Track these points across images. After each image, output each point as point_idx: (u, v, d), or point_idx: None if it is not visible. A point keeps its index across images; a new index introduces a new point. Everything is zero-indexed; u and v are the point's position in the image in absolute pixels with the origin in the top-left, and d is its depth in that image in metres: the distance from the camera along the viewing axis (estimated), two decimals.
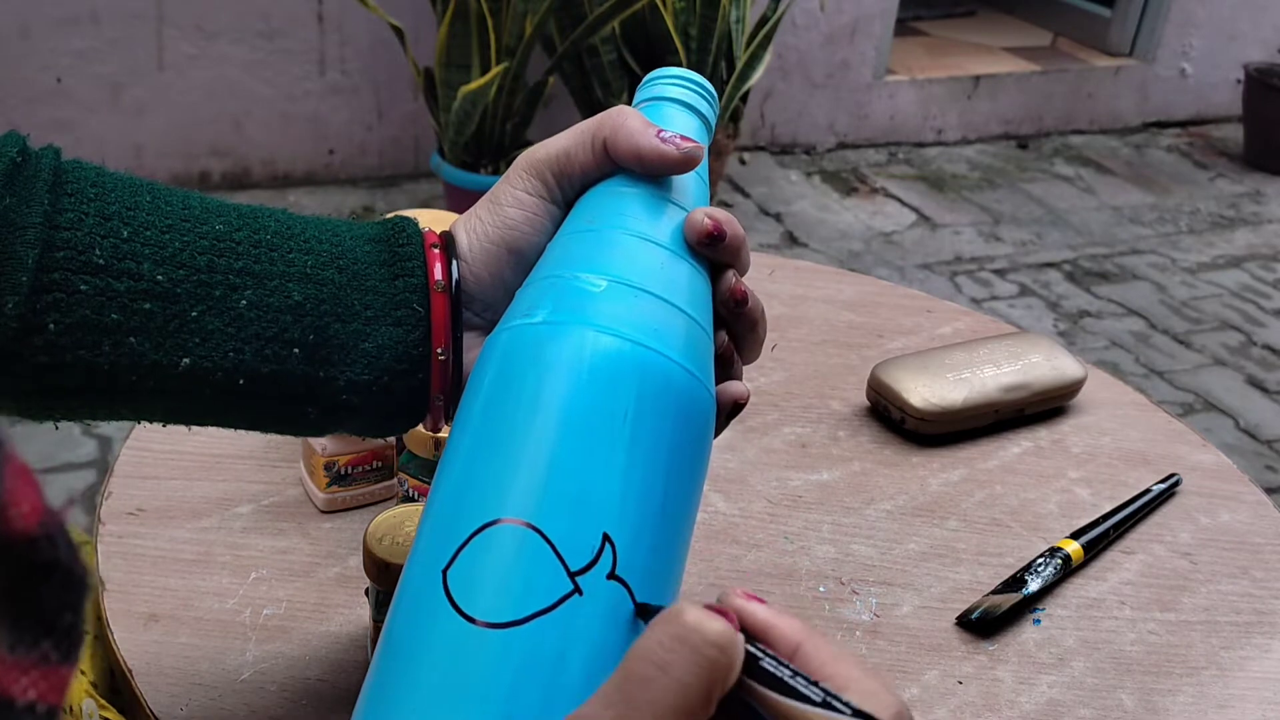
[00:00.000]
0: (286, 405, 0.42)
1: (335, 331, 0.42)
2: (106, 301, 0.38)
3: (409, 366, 0.43)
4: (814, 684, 0.29)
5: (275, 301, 0.41)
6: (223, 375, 0.40)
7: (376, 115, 2.58)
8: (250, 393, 0.41)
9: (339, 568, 0.61)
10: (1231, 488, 0.75)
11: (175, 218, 0.40)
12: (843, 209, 2.77)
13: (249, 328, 0.40)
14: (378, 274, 0.43)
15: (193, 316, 0.40)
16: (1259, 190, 3.12)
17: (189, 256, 0.40)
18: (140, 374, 0.39)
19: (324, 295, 0.42)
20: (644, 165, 0.43)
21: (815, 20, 2.90)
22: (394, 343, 0.42)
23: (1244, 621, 0.64)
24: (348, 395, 0.42)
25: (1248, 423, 2.06)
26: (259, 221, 0.42)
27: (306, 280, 0.41)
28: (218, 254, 0.40)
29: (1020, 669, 0.59)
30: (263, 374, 0.41)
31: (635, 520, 0.35)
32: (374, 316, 0.42)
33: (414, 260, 0.43)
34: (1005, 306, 2.38)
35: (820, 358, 0.85)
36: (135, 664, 0.54)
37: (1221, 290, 2.54)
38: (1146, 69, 3.41)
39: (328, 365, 0.42)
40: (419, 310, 0.43)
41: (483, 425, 0.37)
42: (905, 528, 0.68)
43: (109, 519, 0.63)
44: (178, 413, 0.42)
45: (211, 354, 0.40)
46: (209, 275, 0.40)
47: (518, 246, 0.44)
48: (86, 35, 2.30)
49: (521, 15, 2.13)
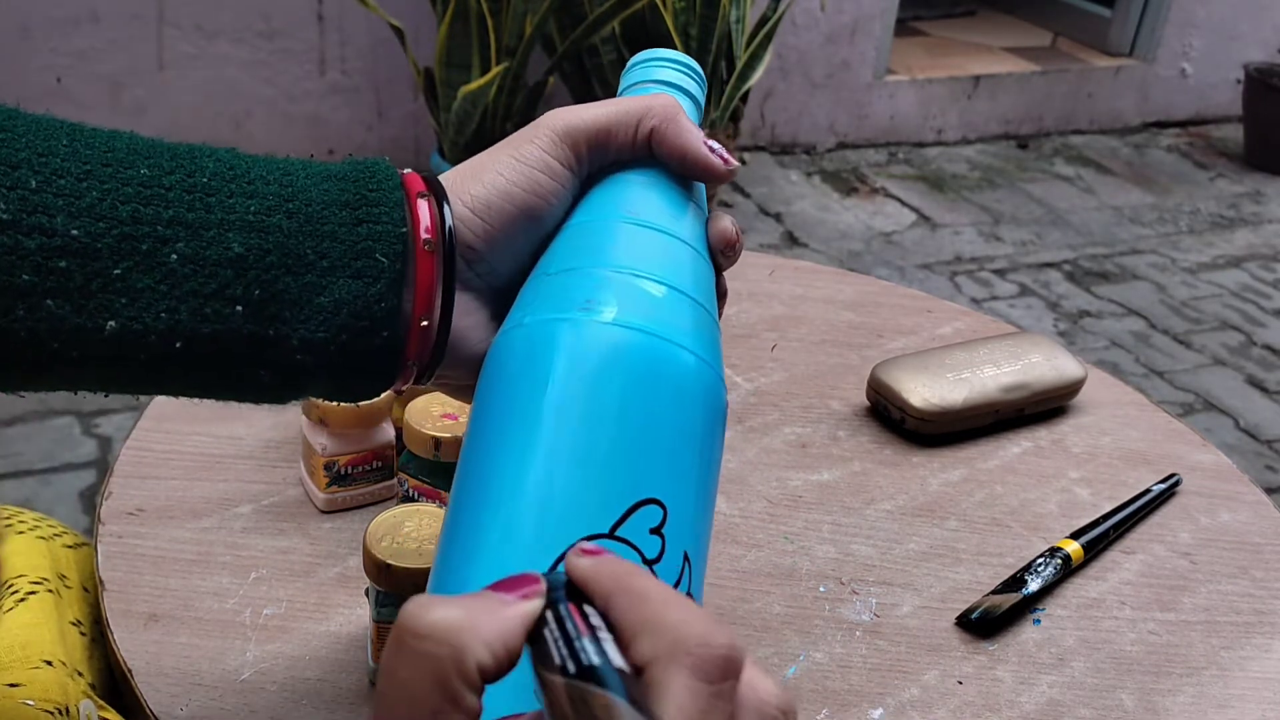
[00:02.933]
0: (234, 369, 0.38)
1: (285, 285, 0.37)
2: (16, 261, 0.34)
3: (370, 323, 0.39)
4: (597, 645, 0.26)
5: (213, 254, 0.36)
6: (156, 338, 0.36)
7: (376, 115, 2.58)
8: (190, 356, 0.37)
9: (339, 568, 0.61)
10: (1231, 488, 0.75)
11: (95, 163, 0.36)
12: (843, 209, 2.77)
13: (183, 284, 0.36)
14: (336, 216, 0.38)
15: (116, 274, 0.35)
16: (1259, 190, 3.12)
17: (109, 207, 0.35)
18: (62, 340, 0.35)
19: (270, 244, 0.37)
20: (685, 168, 0.42)
21: (815, 20, 2.90)
22: (353, 297, 0.38)
23: (1244, 621, 0.64)
24: (302, 355, 0.38)
25: (1248, 423, 2.06)
26: (195, 163, 0.38)
27: (249, 229, 0.37)
28: (143, 202, 0.36)
29: (1020, 669, 0.59)
30: (202, 334, 0.37)
31: (703, 537, 0.38)
32: (330, 267, 0.38)
33: (382, 205, 0.39)
34: (1005, 306, 2.38)
35: (820, 358, 0.85)
36: (135, 664, 0.54)
37: (1221, 290, 2.54)
38: (1146, 69, 3.41)
39: (277, 323, 0.37)
40: (382, 261, 0.38)
41: (549, 430, 0.36)
42: (905, 528, 0.68)
43: (109, 519, 0.63)
44: (113, 381, 0.38)
45: (141, 315, 0.36)
46: (134, 227, 0.36)
47: (538, 214, 0.41)
48: (86, 35, 2.30)
49: (521, 15, 2.13)
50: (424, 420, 0.59)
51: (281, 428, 0.71)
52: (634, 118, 0.42)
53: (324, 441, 0.63)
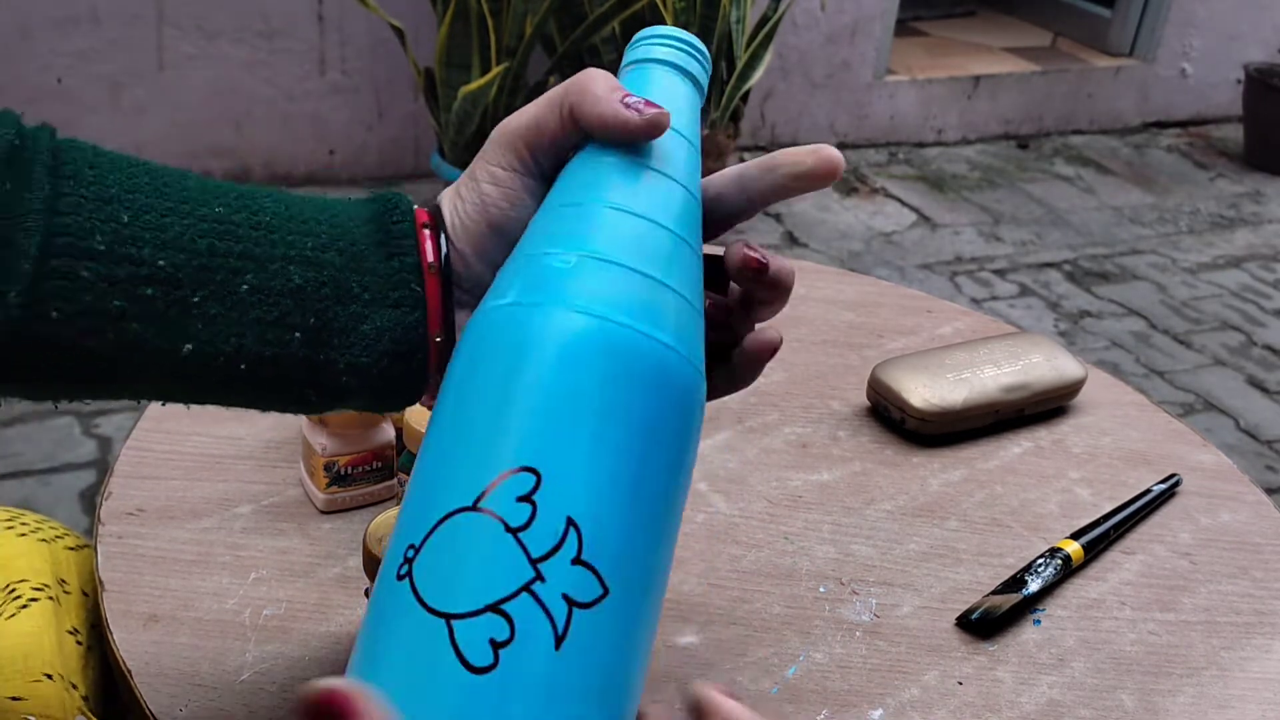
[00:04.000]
0: (287, 388, 0.42)
1: (335, 314, 0.41)
2: (109, 288, 0.38)
3: (408, 348, 0.42)
4: None
5: (276, 285, 0.40)
6: (224, 360, 0.40)
7: (376, 115, 2.58)
8: (252, 376, 0.41)
9: (339, 568, 0.61)
10: (1231, 488, 0.75)
11: (174, 199, 0.40)
12: (843, 209, 2.77)
13: (250, 312, 0.40)
14: (374, 254, 0.42)
15: (195, 302, 0.39)
16: (1259, 190, 3.12)
17: (190, 240, 0.39)
18: (143, 359, 0.39)
19: (324, 278, 0.41)
20: (608, 133, 0.41)
21: (815, 20, 2.90)
22: (392, 325, 0.42)
23: (1244, 621, 0.64)
24: (347, 378, 0.42)
25: (1248, 423, 2.06)
26: (257, 203, 0.41)
27: (307, 263, 0.41)
28: (218, 237, 0.40)
29: (1020, 669, 0.59)
30: (264, 357, 0.40)
31: (606, 504, 0.34)
32: (372, 299, 0.42)
33: (408, 239, 0.42)
34: (1005, 306, 2.38)
35: (820, 358, 0.85)
36: (135, 665, 0.54)
37: (1221, 290, 2.54)
38: (1146, 69, 3.41)
39: (328, 349, 0.41)
40: (417, 290, 0.42)
41: (451, 413, 0.37)
42: (905, 528, 0.68)
43: (109, 519, 0.63)
44: (178, 394, 0.42)
45: (214, 339, 0.39)
46: (210, 259, 0.39)
47: (498, 223, 0.43)
48: (86, 35, 2.30)
49: (521, 15, 2.13)
50: (424, 420, 0.59)
51: (281, 428, 0.71)
52: (556, 103, 0.42)
53: (324, 441, 0.63)
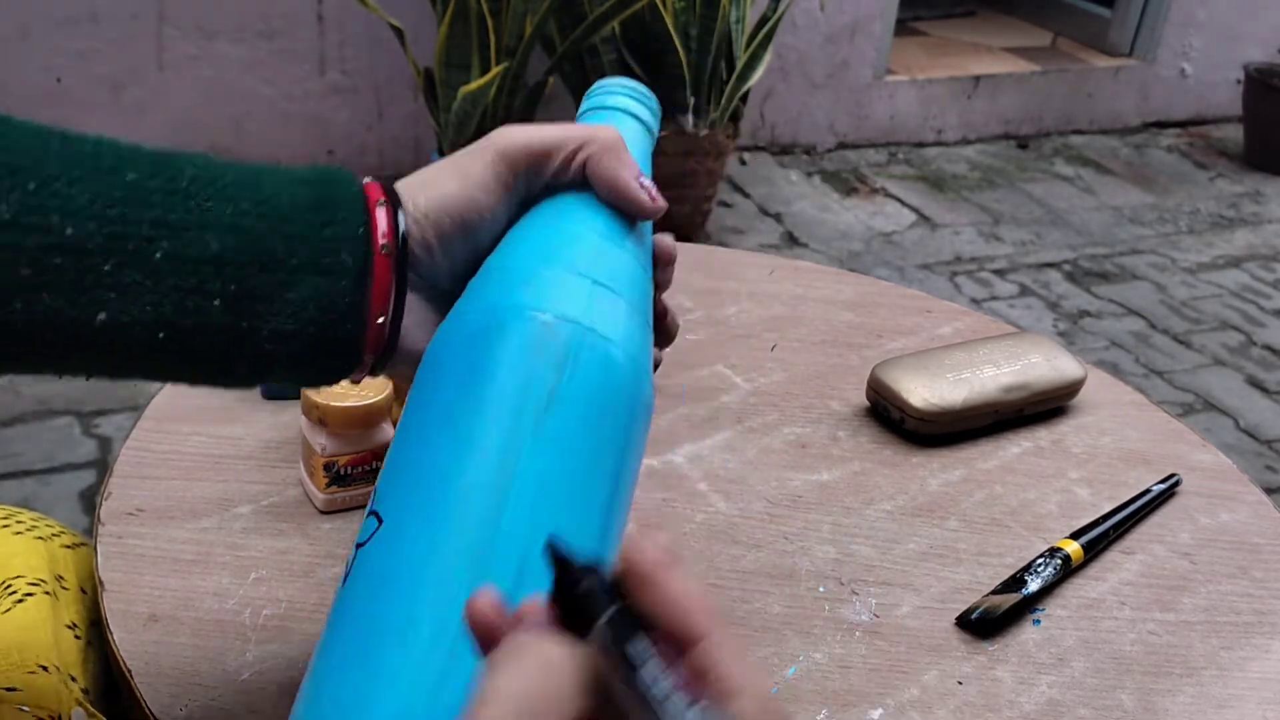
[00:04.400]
0: (210, 357, 0.41)
1: (258, 281, 0.40)
2: (15, 257, 0.37)
3: (336, 317, 0.42)
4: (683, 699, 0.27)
5: (193, 252, 0.40)
6: (141, 329, 0.39)
7: (376, 115, 2.58)
8: (172, 345, 0.40)
9: (339, 568, 0.61)
10: (1231, 488, 0.75)
11: (85, 168, 0.39)
12: (843, 209, 2.77)
13: (166, 280, 0.39)
14: (304, 219, 0.42)
15: (106, 270, 0.38)
16: (1259, 190, 3.12)
17: (100, 208, 0.38)
18: (56, 330, 0.39)
19: (244, 244, 0.40)
20: (613, 199, 0.44)
21: (815, 20, 2.90)
22: (320, 293, 0.41)
23: (1244, 621, 0.64)
24: (272, 345, 0.41)
25: (1248, 423, 2.06)
26: (175, 169, 0.41)
27: (226, 229, 0.40)
28: (130, 205, 0.39)
29: (1020, 669, 0.59)
30: (183, 326, 0.40)
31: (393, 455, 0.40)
32: (299, 265, 0.41)
33: (346, 209, 0.42)
34: (1005, 306, 2.38)
35: (820, 358, 0.85)
36: (135, 664, 0.54)
37: (1221, 290, 2.54)
38: (1146, 69, 3.41)
39: (250, 316, 0.41)
40: (347, 260, 0.42)
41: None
42: (905, 528, 0.68)
43: (109, 519, 0.63)
44: (99, 367, 0.41)
45: (129, 308, 0.39)
46: (121, 227, 0.39)
47: (473, 228, 0.44)
48: (86, 35, 2.30)
49: (521, 15, 2.13)
50: None
51: (281, 428, 0.71)
52: (573, 144, 0.44)
53: (323, 442, 0.63)
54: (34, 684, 0.53)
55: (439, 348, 0.41)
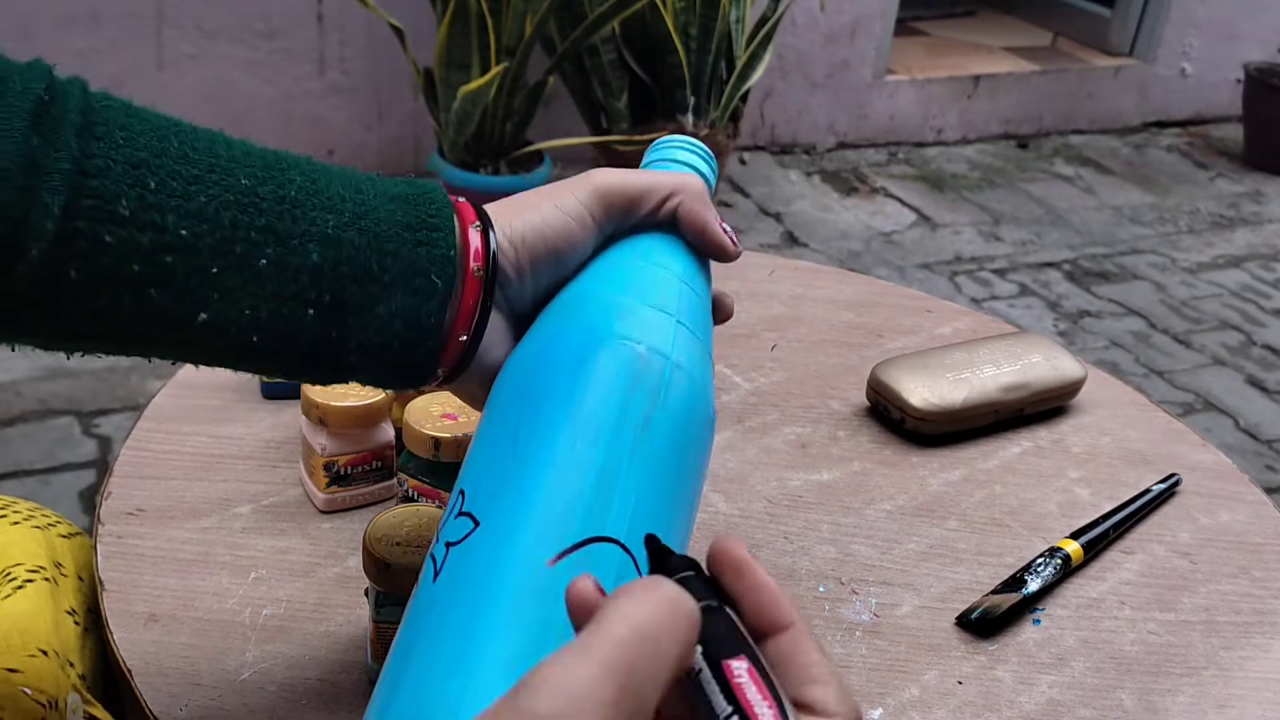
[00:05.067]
0: (297, 360, 0.43)
1: (351, 294, 0.42)
2: (130, 253, 0.38)
3: (419, 335, 0.43)
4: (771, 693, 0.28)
5: (295, 261, 0.41)
6: (237, 331, 0.41)
7: (376, 115, 2.58)
8: (263, 348, 0.41)
9: (339, 568, 0.61)
10: (1231, 488, 0.75)
11: (202, 168, 0.40)
12: (843, 209, 2.77)
13: (267, 286, 0.40)
14: (399, 237, 0.43)
15: (213, 272, 0.39)
16: (1259, 190, 3.12)
17: (213, 211, 0.39)
18: (156, 325, 0.40)
19: (343, 257, 0.41)
20: (701, 242, 0.48)
21: (815, 20, 2.90)
22: (407, 310, 0.43)
23: (1244, 621, 0.64)
24: (355, 357, 0.43)
25: (1248, 423, 2.06)
26: (284, 175, 0.42)
27: (327, 241, 0.41)
28: (241, 210, 0.40)
29: (1020, 669, 0.59)
30: (277, 331, 0.41)
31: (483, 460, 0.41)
32: (392, 281, 0.42)
33: (439, 231, 0.43)
34: (1005, 306, 2.38)
35: (820, 358, 0.85)
36: (135, 664, 0.54)
37: (1221, 290, 2.54)
38: (1146, 69, 3.41)
39: (340, 326, 0.42)
40: (436, 282, 0.43)
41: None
42: (905, 528, 0.68)
43: (109, 519, 0.63)
44: (190, 357, 0.43)
45: (228, 310, 0.40)
46: (232, 231, 0.39)
47: (563, 256, 0.46)
48: (86, 35, 2.30)
49: (521, 15, 2.13)
50: (423, 420, 0.59)
51: (281, 428, 0.71)
52: (665, 190, 0.48)
53: (324, 441, 0.63)
54: (34, 667, 0.53)
55: (532, 362, 0.43)
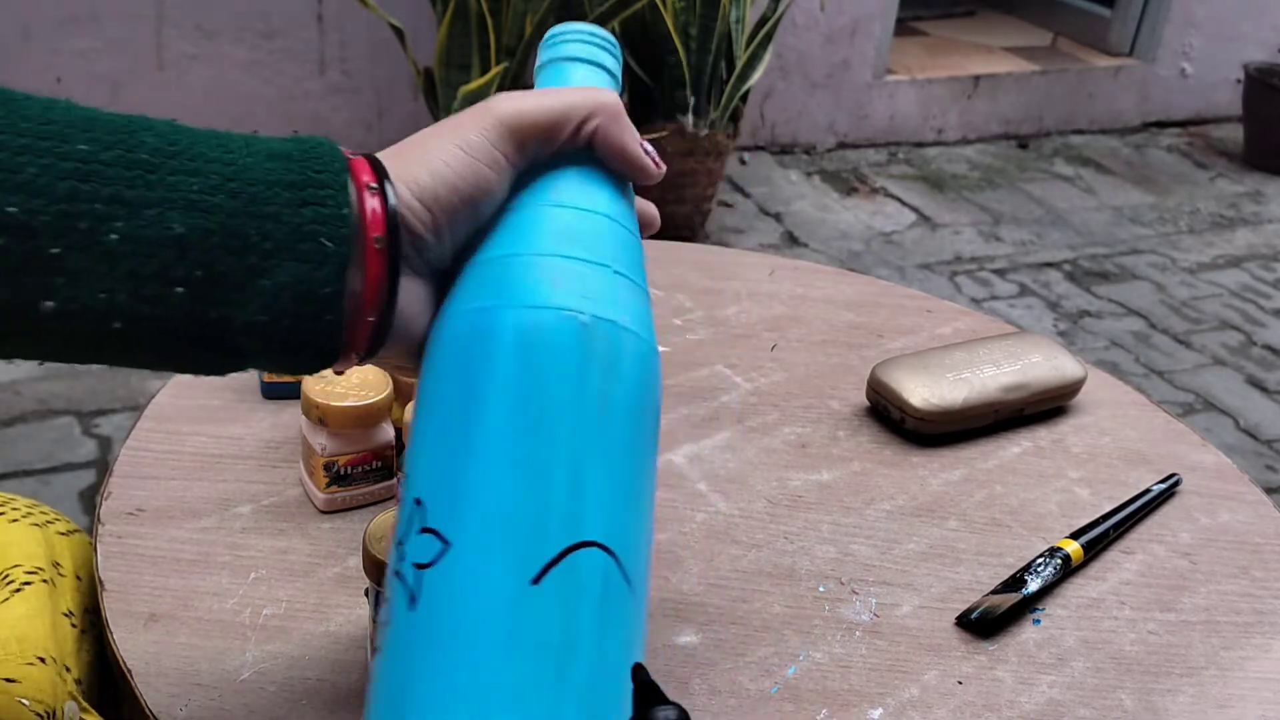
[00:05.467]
0: (175, 348, 0.37)
1: (227, 266, 0.36)
2: None
3: (315, 308, 0.38)
4: None
5: (152, 234, 0.35)
6: (94, 318, 0.35)
7: (376, 115, 2.58)
8: (130, 336, 0.36)
9: (339, 568, 0.61)
10: (1231, 488, 0.75)
11: (31, 135, 0.34)
12: (843, 209, 2.77)
13: (121, 264, 0.35)
14: (280, 197, 0.37)
15: (53, 253, 0.34)
16: (1259, 190, 3.12)
17: (47, 183, 0.34)
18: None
19: (212, 225, 0.36)
20: (622, 166, 0.44)
21: (815, 20, 2.90)
22: (296, 280, 0.37)
23: (1244, 621, 0.64)
24: (244, 338, 0.37)
25: (1248, 423, 2.06)
26: (135, 137, 0.36)
27: (191, 208, 0.36)
28: (81, 179, 0.34)
29: (1020, 669, 0.59)
30: (142, 315, 0.36)
31: (439, 468, 0.38)
32: (273, 249, 0.37)
33: (328, 189, 0.38)
34: (1005, 306, 2.38)
35: (820, 358, 0.85)
36: (134, 664, 0.54)
37: (1221, 290, 2.54)
38: (1146, 69, 3.41)
39: (219, 305, 0.36)
40: (328, 245, 0.37)
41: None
42: (905, 528, 0.68)
43: (108, 519, 0.63)
44: (49, 354, 0.37)
45: (78, 295, 0.35)
46: (71, 205, 0.34)
47: (479, 204, 0.41)
48: (86, 35, 2.30)
49: (521, 15, 2.13)
50: None
51: (281, 428, 0.71)
52: (580, 114, 0.43)
53: (324, 441, 0.63)
54: (32, 676, 0.53)
55: (466, 345, 0.39)
